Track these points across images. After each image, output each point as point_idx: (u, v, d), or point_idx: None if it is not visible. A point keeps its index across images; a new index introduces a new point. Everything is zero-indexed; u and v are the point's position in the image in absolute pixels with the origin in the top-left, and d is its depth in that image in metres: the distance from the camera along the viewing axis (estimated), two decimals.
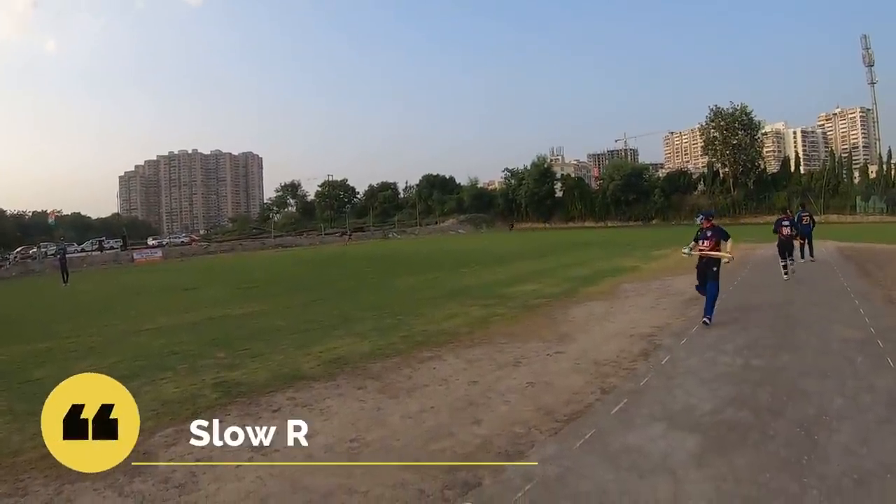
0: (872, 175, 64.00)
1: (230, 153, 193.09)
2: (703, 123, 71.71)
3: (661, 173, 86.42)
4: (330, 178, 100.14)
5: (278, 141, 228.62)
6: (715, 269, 8.77)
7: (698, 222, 9.21)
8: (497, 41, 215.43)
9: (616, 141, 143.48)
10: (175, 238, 76.49)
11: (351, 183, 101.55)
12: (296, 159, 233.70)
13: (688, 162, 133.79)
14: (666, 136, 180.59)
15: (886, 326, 8.15)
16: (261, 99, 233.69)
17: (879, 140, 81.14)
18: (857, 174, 66.17)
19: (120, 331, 11.09)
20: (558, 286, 14.21)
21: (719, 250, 8.84)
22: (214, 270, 29.83)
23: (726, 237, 8.93)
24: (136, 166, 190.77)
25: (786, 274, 14.05)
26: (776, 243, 14.61)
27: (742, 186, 67.76)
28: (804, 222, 17.91)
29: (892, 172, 61.04)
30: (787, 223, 14.63)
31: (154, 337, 10.14)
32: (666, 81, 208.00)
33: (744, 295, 11.89)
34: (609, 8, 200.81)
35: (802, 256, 17.20)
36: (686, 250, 9.35)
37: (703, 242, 8.95)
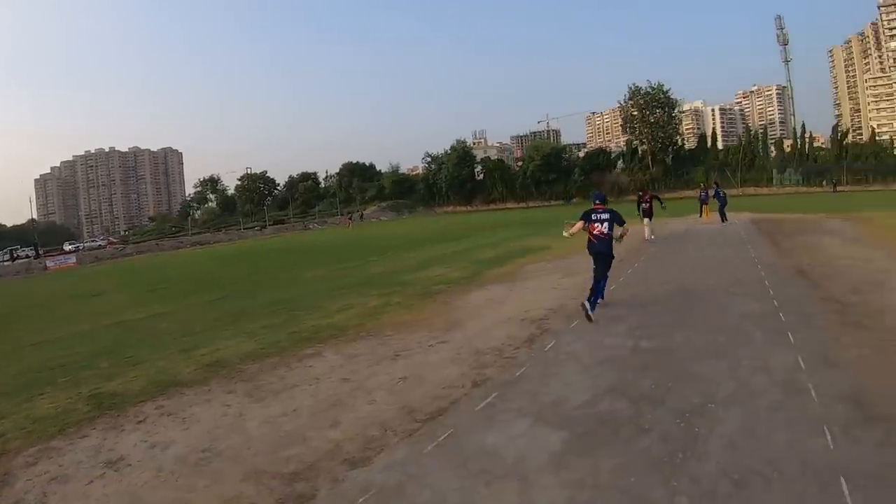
0: (788, 149, 66.72)
1: (149, 149, 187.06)
2: (622, 102, 73.30)
3: (582, 153, 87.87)
4: (249, 171, 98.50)
5: (200, 137, 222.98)
6: (613, 256, 8.35)
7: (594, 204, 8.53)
8: (419, 30, 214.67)
9: (539, 122, 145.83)
10: (92, 242, 73.49)
11: (271, 175, 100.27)
12: (218, 155, 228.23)
13: (609, 141, 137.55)
14: (588, 117, 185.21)
15: (790, 297, 8.12)
16: (180, 94, 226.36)
17: (794, 115, 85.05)
18: (773, 148, 68.74)
19: (13, 346, 10.77)
20: (464, 270, 14.34)
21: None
22: (126, 273, 29.11)
23: (621, 222, 8.39)
24: (52, 168, 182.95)
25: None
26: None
27: (660, 163, 69.42)
28: (722, 195, 22.72)
29: (807, 146, 64.03)
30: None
31: (46, 349, 9.88)
32: (589, 64, 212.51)
33: (648, 270, 11.92)
34: None
35: (723, 221, 21.68)
36: (567, 233, 8.72)
37: (595, 225, 8.25)
